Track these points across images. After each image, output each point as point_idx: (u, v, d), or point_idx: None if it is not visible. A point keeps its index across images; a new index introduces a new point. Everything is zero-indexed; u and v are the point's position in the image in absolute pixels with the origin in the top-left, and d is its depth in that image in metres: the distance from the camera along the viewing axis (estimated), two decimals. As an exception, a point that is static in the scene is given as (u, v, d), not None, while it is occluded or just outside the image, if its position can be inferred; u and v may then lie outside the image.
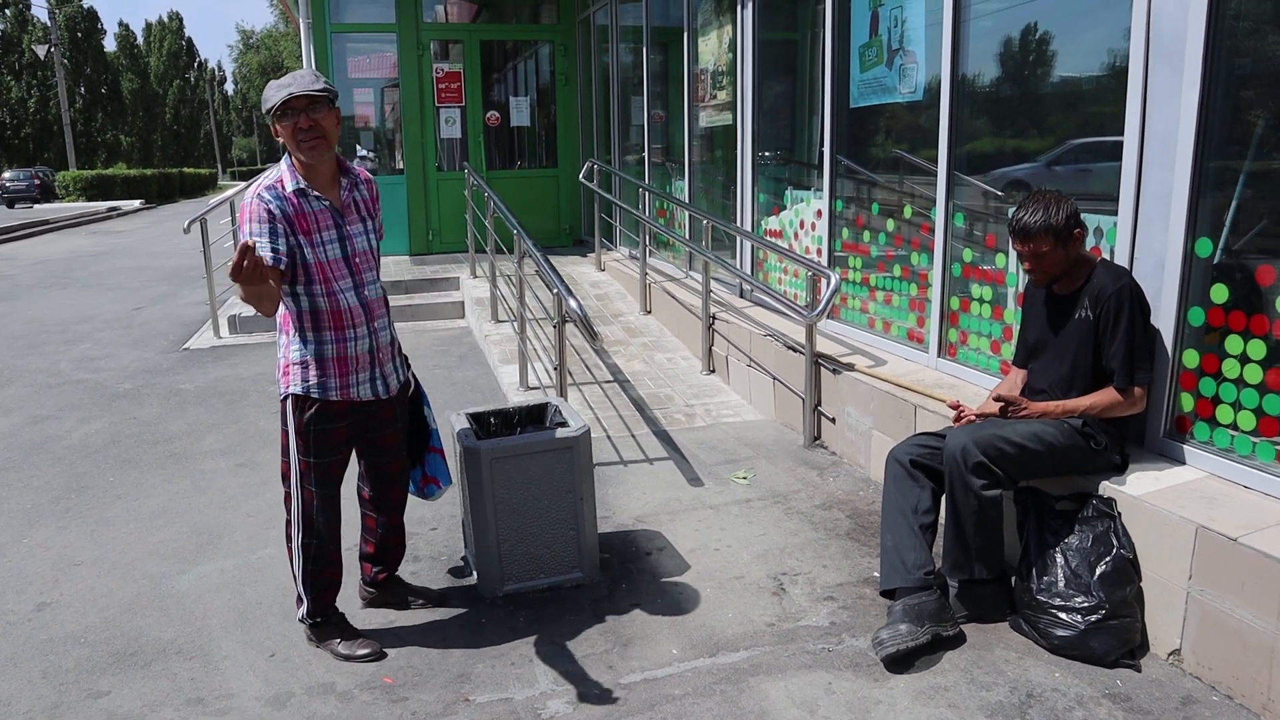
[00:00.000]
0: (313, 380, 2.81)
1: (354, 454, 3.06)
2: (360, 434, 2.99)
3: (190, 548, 3.83)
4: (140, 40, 63.19)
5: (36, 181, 34.21)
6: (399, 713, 2.66)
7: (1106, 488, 2.96)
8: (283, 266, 2.67)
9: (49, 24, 41.51)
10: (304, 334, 2.82)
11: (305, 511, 2.92)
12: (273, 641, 3.07)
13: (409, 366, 3.21)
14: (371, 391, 2.91)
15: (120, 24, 71.07)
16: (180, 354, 7.59)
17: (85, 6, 52.69)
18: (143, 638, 3.12)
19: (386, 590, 3.28)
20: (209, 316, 8.34)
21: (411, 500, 4.22)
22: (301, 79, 2.71)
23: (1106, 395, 2.95)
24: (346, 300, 2.81)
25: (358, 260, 2.85)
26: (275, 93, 2.69)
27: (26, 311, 10.03)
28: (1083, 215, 3.05)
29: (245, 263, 2.30)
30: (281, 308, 2.81)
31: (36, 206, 32.10)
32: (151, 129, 59.64)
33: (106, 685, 2.85)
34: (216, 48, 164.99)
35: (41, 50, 35.62)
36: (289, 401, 2.85)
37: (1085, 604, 2.78)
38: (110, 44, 57.59)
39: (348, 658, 2.95)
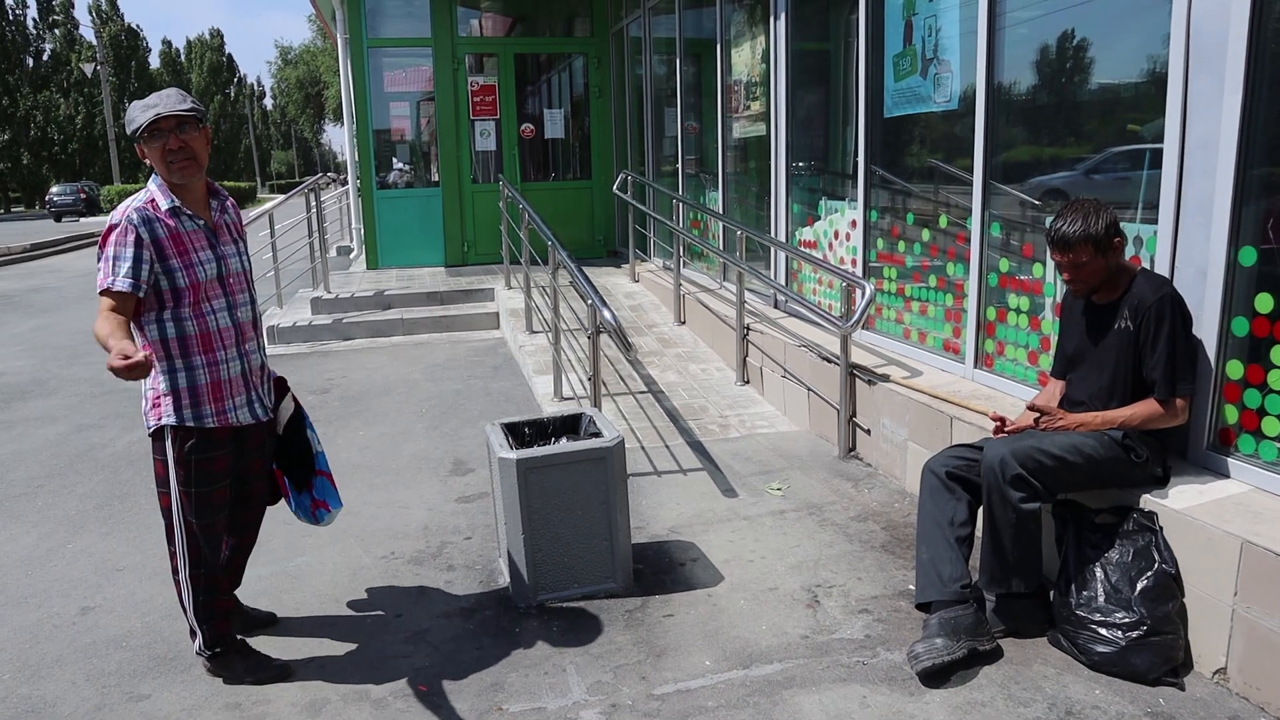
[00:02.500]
0: (186, 410, 2.70)
1: None
2: (237, 459, 2.88)
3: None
4: (182, 57, 64.51)
5: (82, 195, 35.08)
6: (433, 721, 2.68)
7: (1148, 501, 2.91)
8: (140, 294, 2.58)
9: (95, 43, 42.50)
10: (172, 361, 2.70)
11: (190, 543, 2.81)
12: (309, 649, 3.11)
13: (288, 388, 3.16)
14: (250, 415, 2.84)
15: (164, 41, 72.56)
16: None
17: (130, 25, 53.91)
18: (182, 642, 3.16)
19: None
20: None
21: (447, 510, 4.28)
22: (168, 99, 2.64)
23: (1147, 407, 2.91)
24: (217, 321, 2.75)
25: (231, 281, 2.80)
26: (141, 114, 2.62)
27: (72, 323, 10.25)
28: (1122, 224, 3.01)
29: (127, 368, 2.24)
30: (140, 339, 2.68)
31: (82, 220, 32.91)
32: (193, 143, 60.65)
33: (147, 689, 2.90)
34: (255, 63, 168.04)
35: (88, 68, 36.45)
36: (166, 433, 2.72)
37: (1126, 620, 2.73)
38: (155, 61, 58.91)
39: (256, 682, 2.89)
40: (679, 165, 8.52)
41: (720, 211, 7.41)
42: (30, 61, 46.77)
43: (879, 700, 2.68)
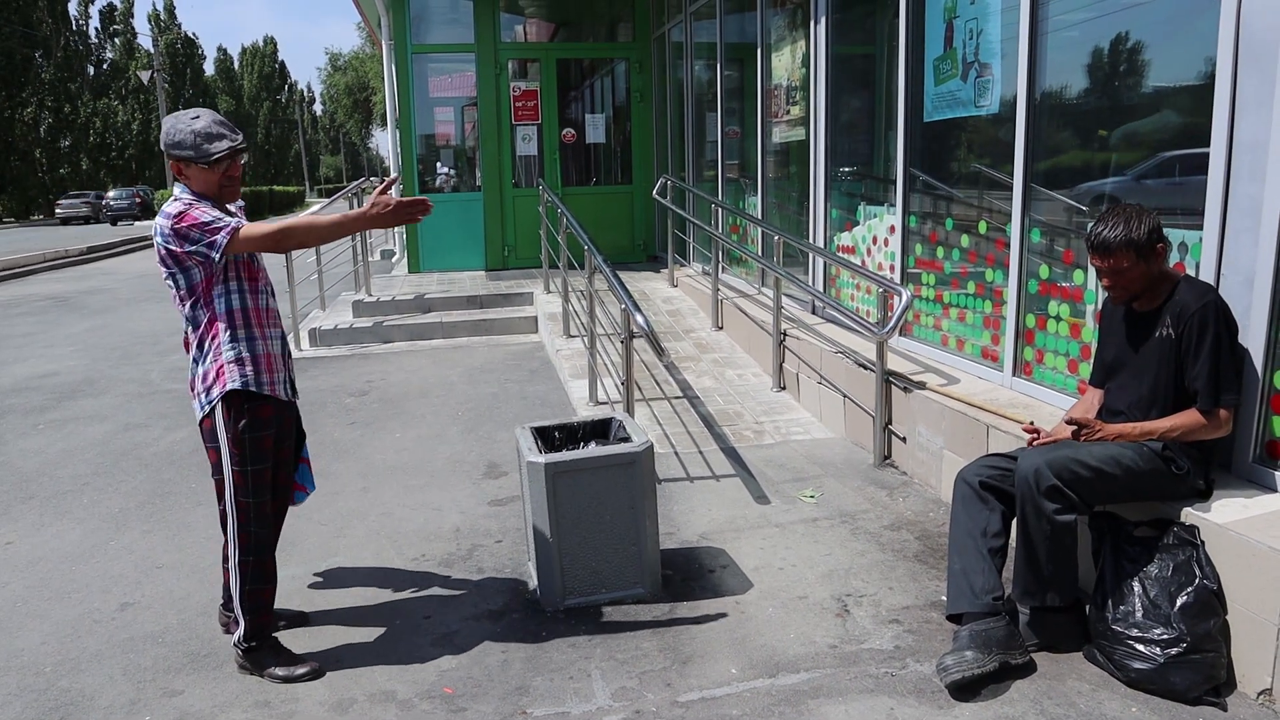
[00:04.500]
0: (249, 375, 2.86)
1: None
2: (277, 443, 3.02)
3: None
4: (236, 64, 65.94)
5: (138, 200, 36.06)
6: (457, 723, 2.69)
7: (1189, 514, 2.83)
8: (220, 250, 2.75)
9: (152, 51, 43.59)
10: (236, 332, 2.87)
11: (242, 530, 2.92)
12: (337, 648, 3.13)
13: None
14: (285, 392, 3.01)
15: (219, 49, 74.15)
16: (264, 365, 7.83)
17: (186, 33, 55.22)
18: (216, 640, 3.21)
19: None
20: (291, 330, 8.60)
21: (479, 513, 4.30)
22: (233, 130, 2.84)
23: (1189, 417, 2.82)
24: (266, 301, 2.98)
25: (261, 271, 3.00)
26: (216, 143, 2.79)
27: (124, 324, 10.50)
28: (1166, 230, 2.93)
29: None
30: (197, 320, 2.87)
31: (137, 223, 33.82)
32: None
33: (181, 685, 2.95)
34: (306, 70, 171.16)
35: (145, 75, 37.41)
36: (222, 406, 2.85)
37: (1165, 636, 2.65)
38: (209, 68, 60.25)
39: (286, 679, 2.92)
40: (719, 170, 8.50)
41: (759, 217, 7.38)
42: (91, 70, 48.11)
43: (907, 713, 2.63)
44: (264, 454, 2.93)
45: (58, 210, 36.93)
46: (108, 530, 4.28)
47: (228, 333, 2.86)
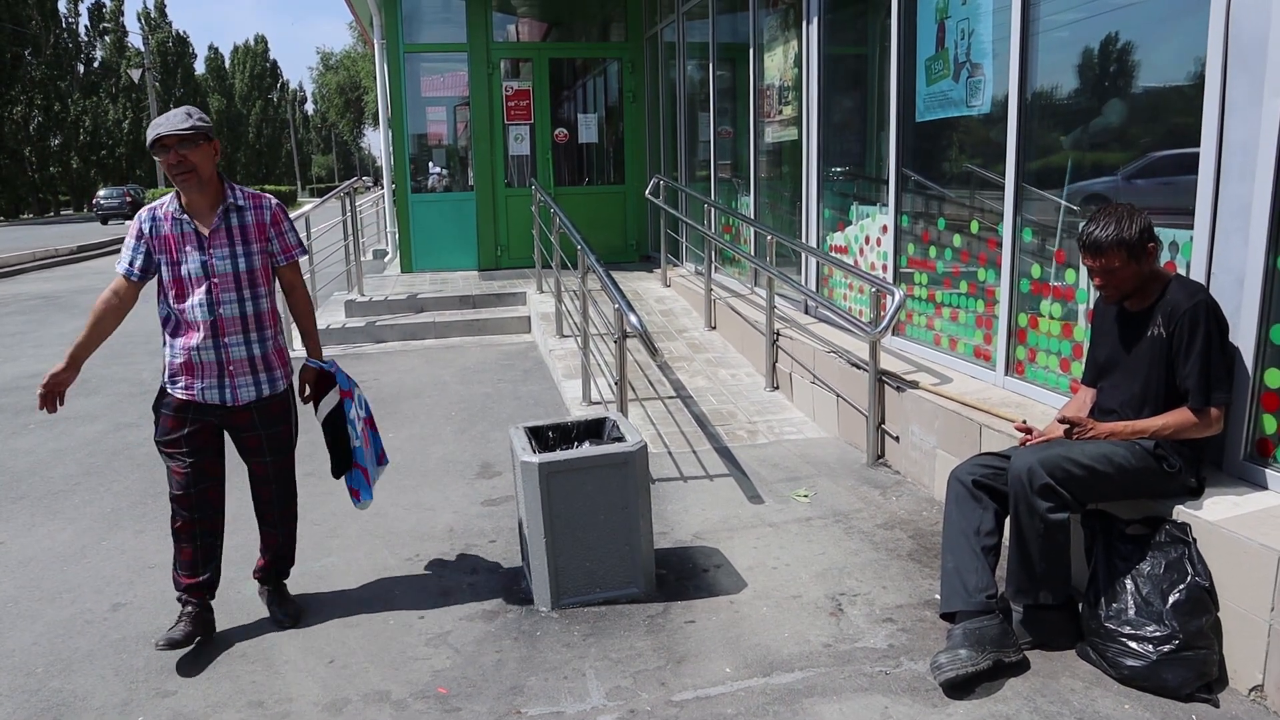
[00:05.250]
0: (165, 376, 3.17)
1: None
2: (216, 434, 3.23)
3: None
4: (227, 63, 65.72)
5: (128, 199, 35.81)
6: (452, 722, 2.68)
7: (1181, 512, 2.84)
8: (133, 279, 3.10)
9: (143, 49, 43.42)
10: (164, 338, 3.16)
11: (170, 495, 3.24)
12: (331, 648, 3.13)
13: (335, 384, 3.44)
14: (219, 397, 3.14)
15: (210, 48, 73.94)
16: (256, 365, 7.81)
17: (177, 31, 55.03)
18: (209, 640, 3.20)
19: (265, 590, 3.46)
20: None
21: (473, 512, 4.30)
22: (172, 119, 2.98)
23: (1180, 416, 2.84)
24: (196, 315, 3.06)
25: (216, 281, 3.07)
26: (150, 132, 3.01)
27: (115, 323, 10.43)
28: (1157, 229, 2.94)
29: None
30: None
31: (127, 223, 33.47)
32: (235, 147, 61.84)
33: (173, 685, 2.94)
34: (298, 69, 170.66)
35: (136, 74, 37.23)
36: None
37: (1157, 633, 2.66)
38: (200, 67, 60.05)
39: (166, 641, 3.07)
40: (711, 170, 8.51)
41: (752, 216, 7.39)
42: (81, 68, 47.89)
43: (901, 711, 2.64)
44: (171, 437, 3.16)
45: (98, 203, 35.16)
46: (99, 530, 4.26)
47: (163, 336, 3.18)
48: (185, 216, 3.05)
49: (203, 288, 3.05)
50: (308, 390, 3.43)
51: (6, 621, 3.41)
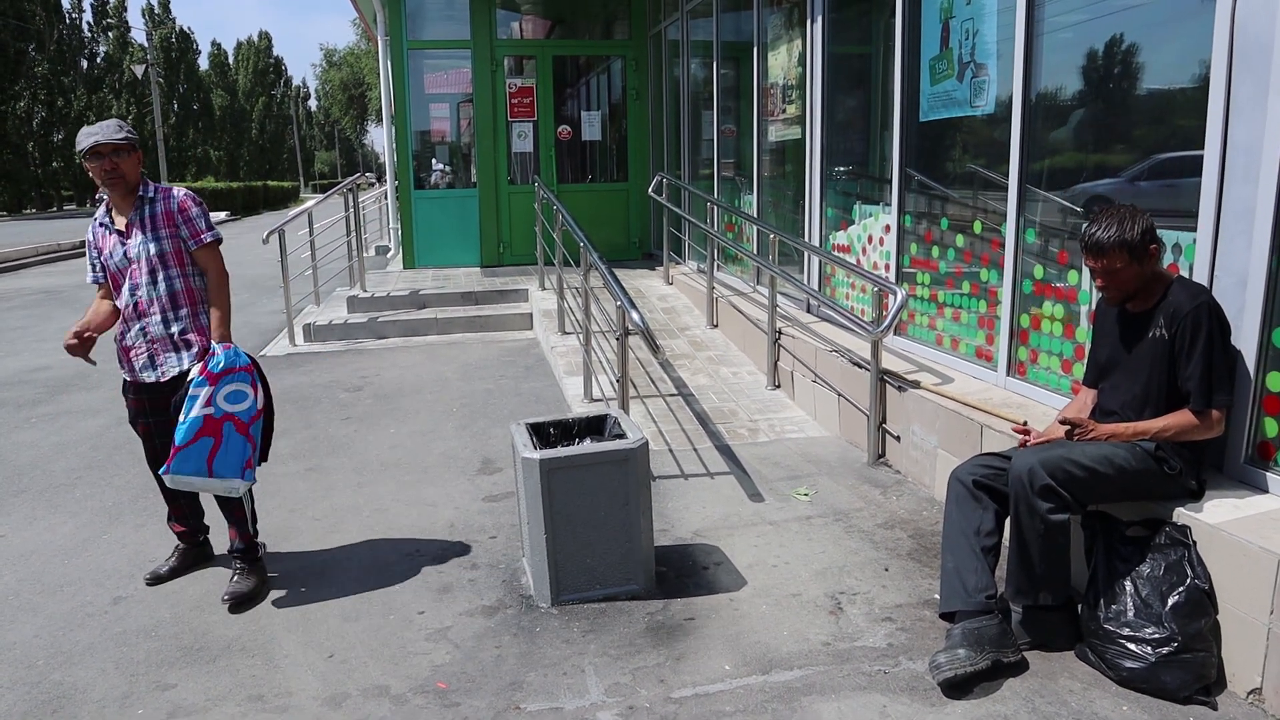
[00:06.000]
0: (118, 362, 3.50)
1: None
2: (164, 407, 3.46)
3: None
4: (230, 59, 65.71)
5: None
6: (450, 717, 2.69)
7: (1181, 514, 2.84)
8: (100, 283, 3.53)
9: (146, 45, 43.42)
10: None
11: None
12: (331, 643, 3.14)
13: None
14: (153, 375, 3.44)
15: (213, 44, 73.93)
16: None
17: (181, 27, 55.04)
18: (209, 634, 3.21)
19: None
20: (285, 325, 8.59)
21: (474, 509, 4.30)
22: (106, 129, 3.31)
23: (1181, 418, 2.84)
24: (122, 301, 3.43)
25: (134, 267, 3.40)
26: (84, 140, 3.29)
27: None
28: (1160, 231, 2.94)
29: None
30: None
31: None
32: (239, 144, 61.87)
33: (173, 678, 2.94)
34: (301, 65, 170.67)
35: (139, 70, 37.20)
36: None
37: (1156, 635, 2.66)
38: (204, 63, 60.06)
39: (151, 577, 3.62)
40: (714, 168, 8.50)
41: (755, 215, 7.38)
42: (85, 63, 47.89)
43: (899, 710, 2.64)
44: (134, 414, 3.57)
45: (101, 198, 35.49)
46: (102, 523, 4.27)
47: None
48: (109, 219, 3.44)
49: (125, 275, 3.40)
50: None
51: (8, 614, 3.42)
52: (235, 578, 3.51)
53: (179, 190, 3.52)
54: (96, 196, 35.99)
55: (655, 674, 2.88)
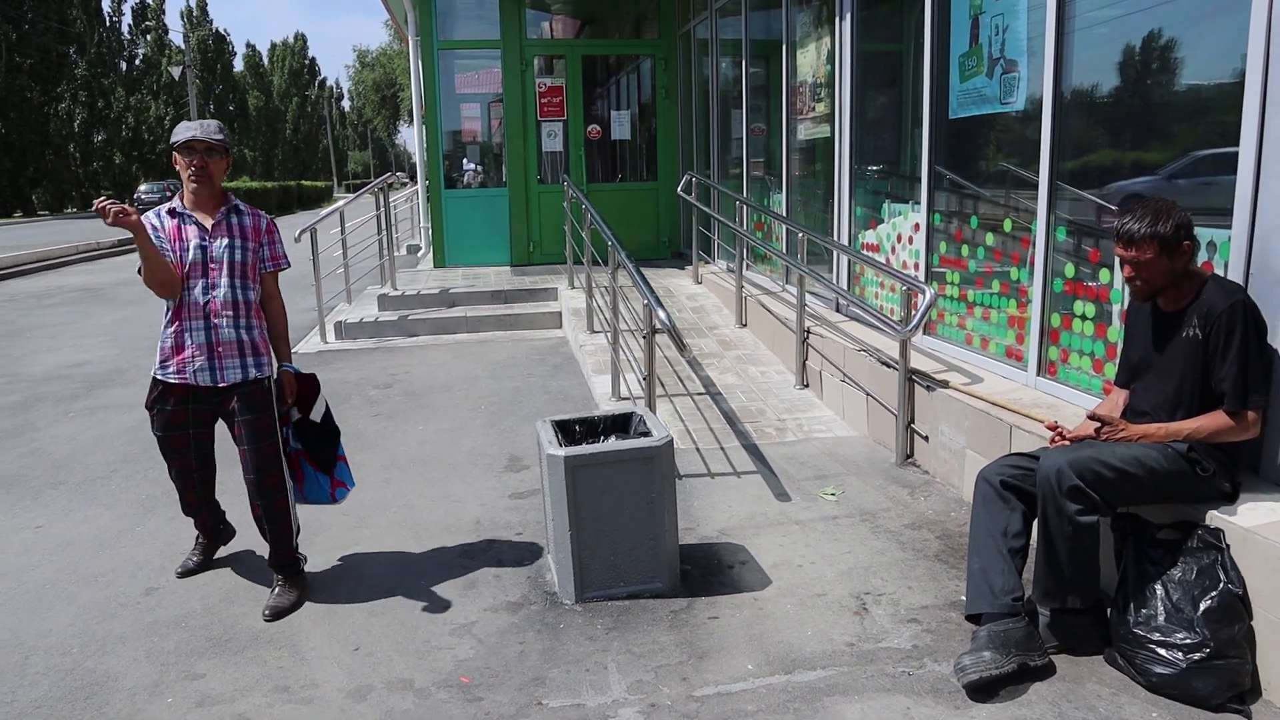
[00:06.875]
0: (157, 364, 3.39)
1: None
2: (209, 419, 3.47)
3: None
4: (265, 60, 66.52)
5: (169, 193, 36.36)
6: (473, 712, 2.70)
7: (1214, 517, 2.79)
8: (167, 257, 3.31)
9: (183, 47, 44.08)
10: (161, 329, 3.39)
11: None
12: (357, 636, 3.17)
13: (319, 387, 3.63)
14: (210, 379, 3.34)
15: (248, 45, 74.83)
16: (290, 358, 7.91)
17: (217, 29, 55.81)
18: (238, 626, 3.26)
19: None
20: (316, 323, 8.68)
21: (500, 505, 4.32)
22: (207, 127, 3.29)
23: (1215, 419, 2.79)
24: (190, 297, 3.31)
25: (212, 268, 3.33)
26: (182, 132, 3.26)
27: (153, 315, 10.58)
28: (1196, 229, 2.89)
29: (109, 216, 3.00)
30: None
31: (168, 217, 33.99)
32: (273, 144, 62.58)
33: (202, 669, 2.99)
34: (334, 66, 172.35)
35: (176, 71, 37.78)
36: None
37: (1187, 640, 2.62)
38: (239, 64, 60.85)
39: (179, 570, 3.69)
40: (744, 167, 8.48)
41: (784, 214, 7.35)
42: (124, 65, 48.69)
43: (923, 712, 2.62)
44: (170, 425, 3.44)
45: (139, 197, 34.71)
46: (135, 515, 4.34)
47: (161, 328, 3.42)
48: (188, 211, 3.34)
49: (200, 272, 3.31)
50: (289, 396, 3.55)
51: (45, 603, 3.49)
52: (277, 590, 3.44)
53: (264, 213, 3.55)
54: (135, 195, 36.60)
55: (678, 672, 2.87)
